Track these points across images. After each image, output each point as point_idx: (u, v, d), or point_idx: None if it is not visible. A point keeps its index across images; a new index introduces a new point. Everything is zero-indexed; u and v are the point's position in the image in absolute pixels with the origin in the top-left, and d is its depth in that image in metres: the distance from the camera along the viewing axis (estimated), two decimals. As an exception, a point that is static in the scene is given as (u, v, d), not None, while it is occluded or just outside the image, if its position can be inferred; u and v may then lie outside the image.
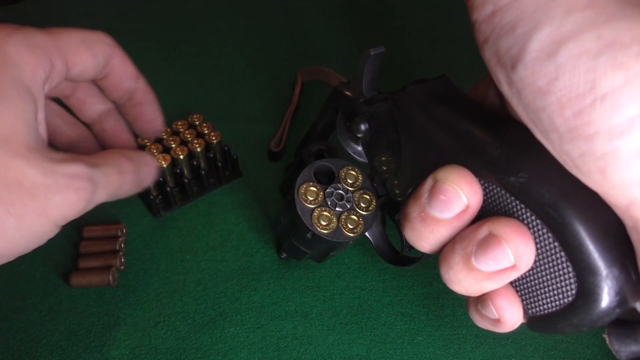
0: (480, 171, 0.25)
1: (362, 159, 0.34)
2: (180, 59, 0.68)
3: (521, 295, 0.25)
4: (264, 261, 0.45)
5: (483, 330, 0.40)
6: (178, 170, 0.48)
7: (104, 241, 0.44)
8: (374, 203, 0.34)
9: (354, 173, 0.34)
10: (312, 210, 0.33)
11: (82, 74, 0.32)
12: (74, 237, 0.46)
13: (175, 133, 0.51)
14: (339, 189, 0.34)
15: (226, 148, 0.50)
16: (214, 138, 0.49)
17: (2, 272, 0.44)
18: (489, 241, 0.24)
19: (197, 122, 0.51)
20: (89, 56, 0.32)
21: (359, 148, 0.34)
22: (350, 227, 0.33)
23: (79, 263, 0.43)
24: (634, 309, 0.23)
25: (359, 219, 0.33)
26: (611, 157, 0.19)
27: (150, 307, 0.41)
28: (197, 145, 0.49)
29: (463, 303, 0.42)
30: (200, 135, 0.50)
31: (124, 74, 0.34)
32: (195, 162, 0.49)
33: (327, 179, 0.35)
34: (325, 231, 0.32)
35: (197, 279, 0.43)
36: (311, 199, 0.33)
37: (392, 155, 0.31)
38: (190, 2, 0.79)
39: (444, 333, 0.40)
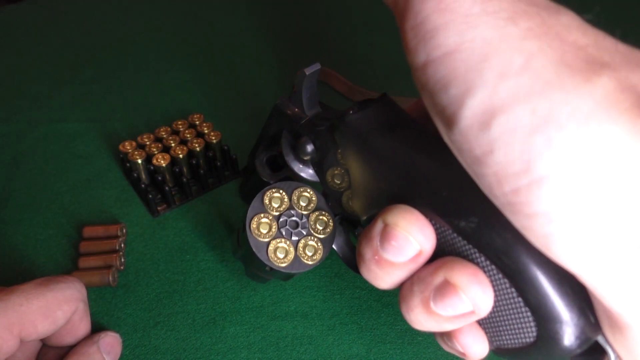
0: (429, 213, 0.24)
1: (317, 180, 0.33)
2: (180, 59, 0.68)
3: (485, 329, 0.25)
4: (264, 261, 0.45)
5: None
6: (177, 170, 0.48)
7: (104, 241, 0.44)
8: (331, 224, 0.32)
9: (307, 195, 0.33)
10: (267, 244, 0.31)
11: (35, 338, 0.32)
12: (74, 237, 0.46)
13: (175, 132, 0.51)
14: (293, 215, 0.32)
15: (226, 148, 0.50)
16: (213, 138, 0.50)
17: (2, 272, 0.44)
18: (445, 288, 0.23)
19: (197, 122, 0.51)
20: (49, 323, 0.31)
21: (310, 171, 0.33)
22: (309, 254, 0.32)
23: (79, 263, 0.43)
24: (596, 341, 0.22)
25: (317, 243, 0.32)
26: (552, 238, 0.19)
27: (150, 307, 0.41)
28: (196, 145, 0.49)
29: (463, 303, 0.42)
30: (200, 134, 0.50)
31: (77, 332, 0.35)
32: (194, 162, 0.49)
33: (278, 202, 0.33)
34: (283, 264, 0.31)
35: (197, 279, 0.43)
36: (264, 232, 0.31)
37: (343, 170, 0.30)
38: (190, 2, 0.79)
39: (444, 333, 0.40)
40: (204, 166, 0.50)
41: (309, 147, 0.31)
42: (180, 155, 0.48)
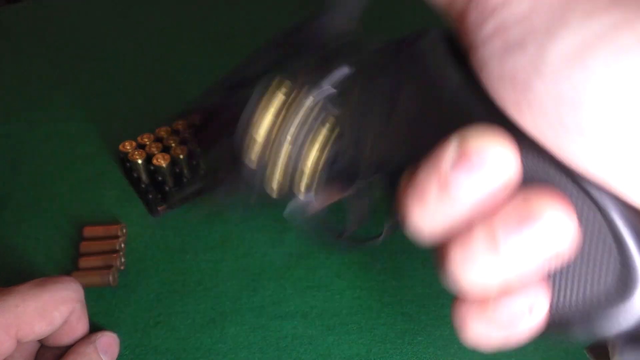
0: (517, 138, 0.20)
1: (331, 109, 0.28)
2: (180, 58, 0.68)
3: (553, 283, 0.21)
4: (264, 261, 0.45)
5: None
6: (177, 170, 0.48)
7: (104, 241, 0.44)
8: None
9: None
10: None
11: (32, 339, 0.32)
12: (74, 238, 0.46)
13: (175, 132, 0.51)
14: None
15: (226, 148, 0.50)
16: (213, 138, 0.49)
17: (1, 272, 0.44)
18: (525, 215, 0.19)
19: (197, 122, 0.51)
20: (45, 324, 0.31)
21: (328, 95, 0.27)
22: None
23: (79, 263, 0.43)
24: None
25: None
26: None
27: (150, 307, 0.41)
28: (196, 145, 0.49)
29: (463, 303, 0.42)
30: (200, 135, 0.50)
31: (75, 332, 0.35)
32: (194, 162, 0.49)
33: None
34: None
35: (197, 279, 0.43)
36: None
37: (378, 110, 0.25)
38: (190, 2, 0.79)
39: (444, 333, 0.40)
40: (204, 166, 0.50)
41: (341, 73, 0.27)
42: (181, 156, 0.48)
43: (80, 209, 0.48)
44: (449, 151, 0.20)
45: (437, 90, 0.23)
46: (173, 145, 0.49)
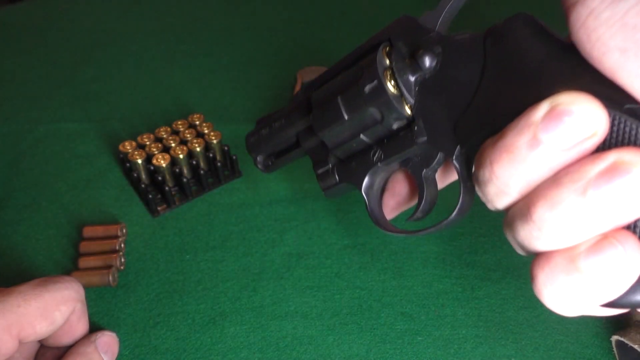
0: (606, 102, 0.21)
1: (408, 95, 0.29)
2: (180, 59, 0.68)
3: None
4: (264, 261, 0.45)
5: (483, 330, 0.40)
6: (177, 170, 0.48)
7: (104, 241, 0.44)
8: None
9: None
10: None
11: (33, 339, 0.32)
12: (74, 237, 0.46)
13: (175, 132, 0.51)
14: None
15: (226, 148, 0.50)
16: (213, 138, 0.49)
17: (2, 272, 0.44)
18: (616, 167, 0.19)
19: (197, 122, 0.51)
20: (47, 324, 0.31)
21: (412, 78, 0.29)
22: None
23: (79, 263, 0.43)
24: None
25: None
26: None
27: (150, 307, 0.41)
28: (196, 145, 0.49)
29: (463, 303, 0.42)
30: (200, 135, 0.50)
31: (75, 332, 0.35)
32: (194, 162, 0.49)
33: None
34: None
35: (196, 279, 0.43)
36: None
37: (461, 93, 0.27)
38: (190, 2, 0.79)
39: (444, 333, 0.40)
40: (203, 166, 0.50)
41: (429, 60, 0.28)
42: (180, 156, 0.48)
43: (80, 209, 0.48)
44: (540, 108, 0.21)
45: (524, 64, 0.25)
46: (173, 145, 0.49)
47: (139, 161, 0.47)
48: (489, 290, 0.42)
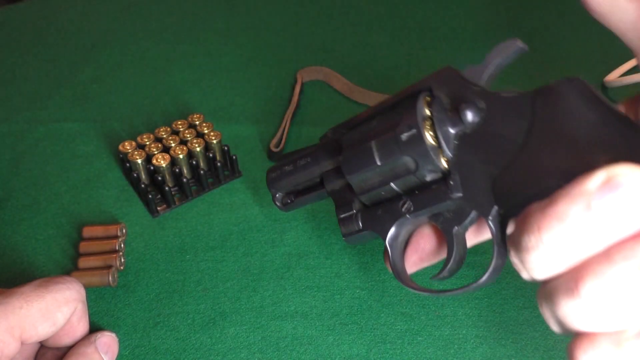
0: None
1: (446, 148, 0.29)
2: (180, 59, 0.68)
3: None
4: (264, 261, 0.45)
5: (483, 330, 0.40)
6: (177, 170, 0.48)
7: (104, 241, 0.44)
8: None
9: None
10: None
11: (35, 341, 0.32)
12: (74, 237, 0.46)
13: (175, 132, 0.51)
14: None
15: (225, 148, 0.50)
16: (213, 138, 0.49)
17: (2, 272, 0.44)
18: None
19: (197, 122, 0.51)
20: (49, 325, 0.31)
21: (452, 131, 0.29)
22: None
23: (79, 263, 0.43)
24: None
25: None
26: None
27: (150, 307, 0.41)
28: (196, 145, 0.49)
29: (463, 303, 0.42)
30: (200, 135, 0.50)
31: (76, 332, 0.35)
32: (194, 162, 0.49)
33: None
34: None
35: (196, 279, 0.43)
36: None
37: (503, 151, 0.27)
38: (190, 2, 0.79)
39: (444, 333, 0.40)
40: (203, 166, 0.50)
41: (471, 115, 0.28)
42: (180, 156, 0.48)
43: (79, 209, 0.48)
44: (596, 176, 0.20)
45: (576, 128, 0.25)
46: (173, 145, 0.49)
47: (139, 161, 0.47)
48: (489, 290, 0.42)
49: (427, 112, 0.29)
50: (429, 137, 0.29)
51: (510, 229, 0.25)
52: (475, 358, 0.39)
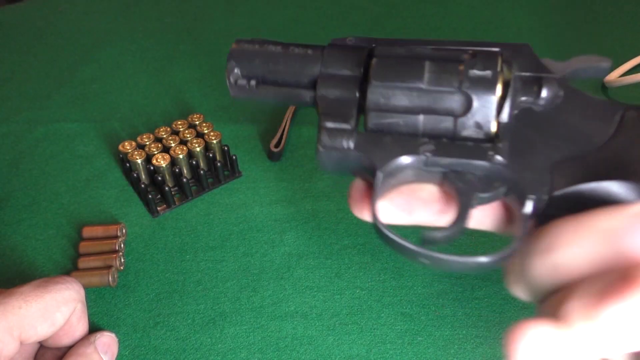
0: None
1: (508, 110, 0.25)
2: (180, 59, 0.68)
3: None
4: (264, 261, 0.45)
5: (483, 330, 0.40)
6: (177, 170, 0.48)
7: (104, 241, 0.44)
8: None
9: None
10: None
11: (34, 341, 0.32)
12: (74, 238, 0.46)
13: (175, 132, 0.51)
14: None
15: (225, 148, 0.50)
16: (213, 138, 0.49)
17: (2, 272, 0.44)
18: None
19: (197, 122, 0.51)
20: (48, 325, 0.32)
21: (522, 98, 0.26)
22: None
23: (79, 263, 0.43)
24: None
25: None
26: None
27: (150, 307, 0.41)
28: (196, 145, 0.49)
29: (463, 303, 0.42)
30: (200, 135, 0.50)
31: (75, 333, 0.35)
32: (194, 162, 0.49)
33: None
34: None
35: (196, 279, 0.43)
36: None
37: (575, 142, 0.25)
38: (190, 2, 0.79)
39: (444, 333, 0.40)
40: (203, 166, 0.50)
41: (548, 92, 0.26)
42: (180, 156, 0.48)
43: (79, 209, 0.48)
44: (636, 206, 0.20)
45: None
46: (173, 145, 0.49)
47: (139, 161, 0.47)
48: (489, 290, 0.42)
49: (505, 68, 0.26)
50: (498, 88, 0.25)
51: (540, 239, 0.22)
52: (476, 358, 0.39)
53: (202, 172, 0.49)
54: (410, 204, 0.27)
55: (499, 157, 0.25)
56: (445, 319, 0.41)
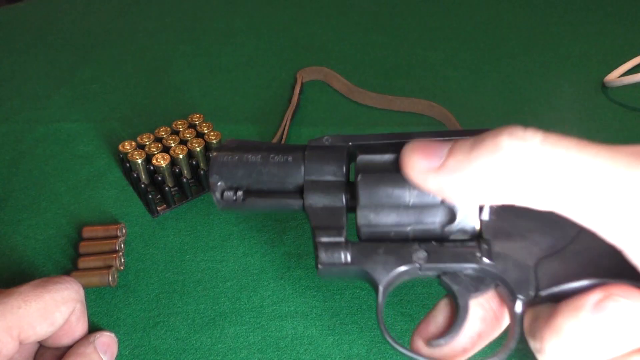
0: None
1: (486, 209, 0.26)
2: (180, 59, 0.68)
3: None
4: (264, 261, 0.45)
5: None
6: (177, 170, 0.48)
7: (104, 241, 0.44)
8: None
9: None
10: None
11: (33, 340, 0.32)
12: (74, 238, 0.46)
13: (175, 132, 0.51)
14: None
15: (226, 148, 0.50)
16: (213, 138, 0.49)
17: (2, 272, 0.44)
18: None
19: (197, 122, 0.51)
20: (47, 325, 0.32)
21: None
22: None
23: (79, 263, 0.43)
24: None
25: None
26: None
27: (150, 307, 0.41)
28: (196, 145, 0.49)
29: (463, 303, 0.42)
30: (200, 135, 0.50)
31: (74, 332, 0.34)
32: (194, 162, 0.49)
33: None
34: None
35: (196, 279, 0.43)
36: None
37: (554, 237, 0.26)
38: (190, 2, 0.79)
39: (444, 333, 0.40)
40: (203, 166, 0.50)
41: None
42: (180, 156, 0.48)
43: (79, 209, 0.48)
44: (593, 295, 0.23)
45: None
46: (173, 145, 0.49)
47: (139, 161, 0.47)
48: (489, 291, 0.42)
49: None
50: None
51: (526, 321, 0.26)
52: (475, 358, 0.39)
53: (202, 172, 0.49)
54: (435, 331, 0.30)
55: (485, 260, 0.26)
56: (445, 319, 0.41)
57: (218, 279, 0.43)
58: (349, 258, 0.27)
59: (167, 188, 0.47)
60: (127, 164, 0.49)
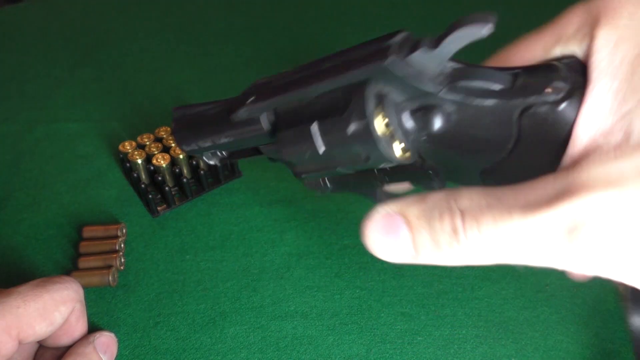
0: None
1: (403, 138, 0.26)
2: (180, 59, 0.68)
3: None
4: (264, 261, 0.45)
5: (483, 330, 0.40)
6: (177, 170, 0.48)
7: (104, 241, 0.44)
8: None
9: None
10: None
11: (32, 340, 0.32)
12: (74, 238, 0.46)
13: (175, 133, 0.51)
14: None
15: (226, 148, 0.50)
16: (213, 138, 0.49)
17: (2, 272, 0.44)
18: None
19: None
20: (46, 325, 0.32)
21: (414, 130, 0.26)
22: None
23: (79, 263, 0.43)
24: None
25: None
26: None
27: (150, 307, 0.41)
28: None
29: (463, 303, 0.42)
30: (200, 135, 0.50)
31: (74, 332, 0.35)
32: (194, 162, 0.49)
33: None
34: None
35: (196, 279, 0.43)
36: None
37: (486, 153, 0.26)
38: (190, 2, 0.79)
39: (443, 333, 0.40)
40: (203, 166, 0.50)
41: (440, 124, 0.26)
42: (180, 156, 0.48)
43: (79, 209, 0.48)
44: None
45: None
46: (173, 145, 0.49)
47: (139, 161, 0.47)
48: (489, 290, 0.42)
49: (379, 107, 0.26)
50: (378, 130, 0.25)
51: None
52: (475, 358, 0.39)
53: (202, 172, 0.49)
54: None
55: (438, 180, 0.28)
56: (445, 319, 0.41)
57: (218, 279, 0.43)
58: (330, 186, 0.31)
59: (167, 188, 0.47)
60: (127, 164, 0.49)
